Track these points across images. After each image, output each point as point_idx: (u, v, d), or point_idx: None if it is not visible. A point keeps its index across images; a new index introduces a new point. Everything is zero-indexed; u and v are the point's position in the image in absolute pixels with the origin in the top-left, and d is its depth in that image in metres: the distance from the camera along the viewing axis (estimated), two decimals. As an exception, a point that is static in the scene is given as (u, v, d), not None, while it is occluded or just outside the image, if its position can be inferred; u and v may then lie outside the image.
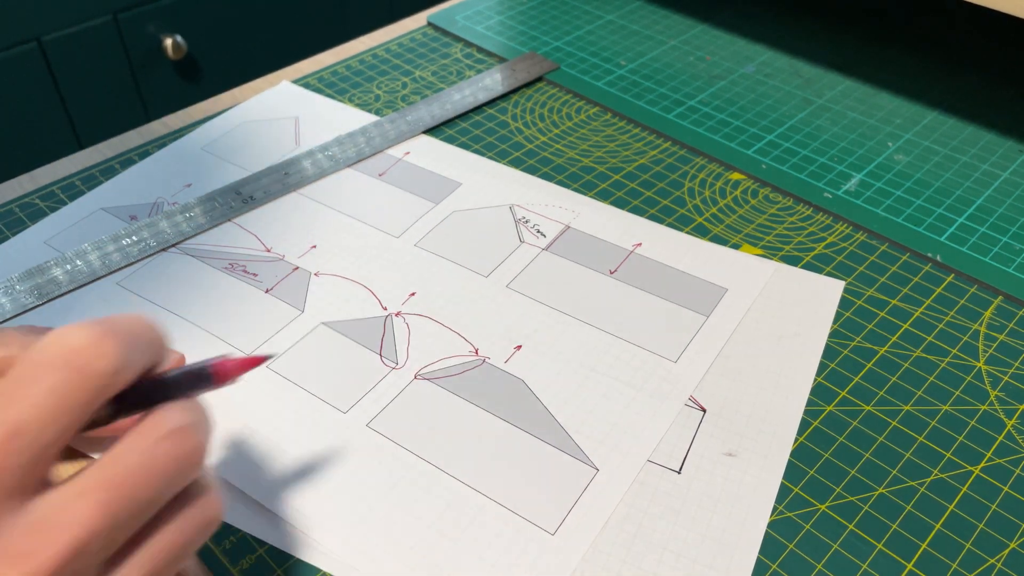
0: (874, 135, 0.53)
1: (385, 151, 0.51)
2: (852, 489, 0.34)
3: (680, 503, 0.33)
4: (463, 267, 0.43)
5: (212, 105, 0.55)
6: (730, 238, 0.46)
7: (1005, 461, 0.35)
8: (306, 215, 0.46)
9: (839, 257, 0.45)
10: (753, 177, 0.50)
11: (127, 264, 0.43)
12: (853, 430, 0.36)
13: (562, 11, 0.65)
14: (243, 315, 0.40)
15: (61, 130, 1.06)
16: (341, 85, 0.57)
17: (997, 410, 0.37)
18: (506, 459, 0.34)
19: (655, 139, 0.53)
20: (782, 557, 0.32)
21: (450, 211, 0.47)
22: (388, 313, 0.41)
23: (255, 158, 0.50)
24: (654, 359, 0.39)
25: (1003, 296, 0.42)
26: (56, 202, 0.47)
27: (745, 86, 0.57)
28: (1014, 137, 0.53)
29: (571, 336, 0.40)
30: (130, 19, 1.06)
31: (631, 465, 0.34)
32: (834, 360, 0.39)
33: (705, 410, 0.37)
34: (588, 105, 0.56)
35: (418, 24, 0.64)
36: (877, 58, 0.60)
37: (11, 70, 0.98)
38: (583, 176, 0.50)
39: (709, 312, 0.41)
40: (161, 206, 0.47)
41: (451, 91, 0.55)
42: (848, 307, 0.42)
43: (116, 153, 0.51)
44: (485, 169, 0.50)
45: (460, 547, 0.32)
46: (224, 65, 1.18)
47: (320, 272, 0.43)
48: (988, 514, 0.33)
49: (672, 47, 0.62)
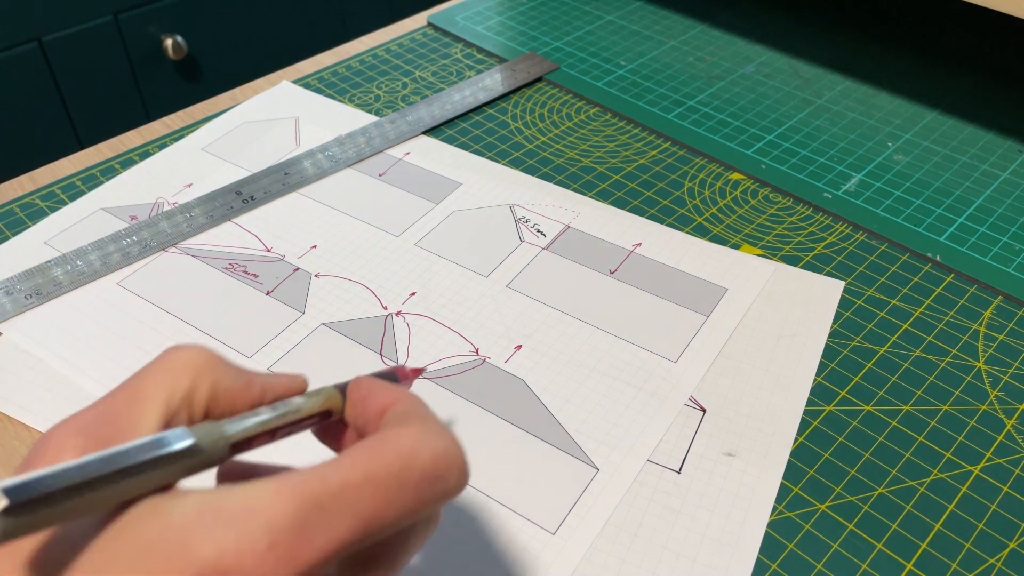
0: (874, 135, 0.53)
1: (385, 151, 0.51)
2: (852, 489, 0.34)
3: (680, 503, 0.33)
4: (463, 267, 0.43)
5: (212, 105, 0.55)
6: (730, 238, 0.46)
7: (1005, 461, 0.35)
8: (306, 215, 0.46)
9: (839, 257, 0.45)
10: (753, 177, 0.50)
11: (127, 264, 0.43)
12: (853, 430, 0.36)
13: (562, 11, 0.65)
14: (244, 316, 0.41)
15: (61, 130, 1.06)
16: (341, 85, 0.57)
17: (997, 410, 0.37)
18: (506, 458, 0.34)
19: (655, 139, 0.53)
20: (782, 557, 0.32)
21: (450, 211, 0.47)
22: (388, 313, 0.41)
23: (255, 158, 0.50)
24: (654, 359, 0.39)
25: (1003, 296, 0.42)
26: (56, 202, 0.47)
27: (745, 86, 0.57)
28: (1014, 137, 0.53)
29: (571, 336, 0.40)
30: (131, 19, 1.06)
31: (631, 465, 0.34)
32: (834, 360, 0.39)
33: (705, 410, 0.37)
34: (588, 105, 0.56)
35: (418, 24, 0.64)
36: (877, 58, 0.60)
37: (12, 70, 0.99)
38: (583, 176, 0.50)
39: (709, 312, 0.41)
40: (161, 206, 0.47)
41: (451, 91, 0.55)
42: (848, 307, 0.42)
43: (116, 153, 0.51)
44: (485, 169, 0.50)
45: (460, 546, 0.32)
46: (224, 65, 1.18)
47: (320, 273, 0.43)
48: (988, 514, 0.33)
49: (672, 47, 0.62)
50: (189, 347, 0.21)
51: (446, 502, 0.21)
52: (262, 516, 0.18)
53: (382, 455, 0.20)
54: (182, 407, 0.21)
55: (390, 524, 0.19)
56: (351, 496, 0.19)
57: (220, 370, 0.21)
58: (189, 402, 0.21)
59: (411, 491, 0.20)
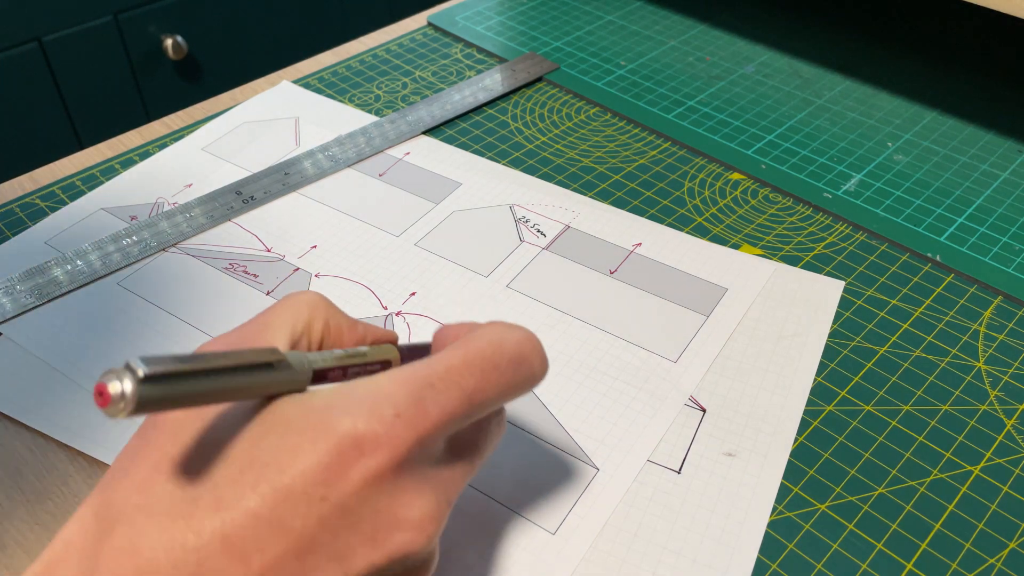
0: (874, 135, 0.53)
1: (385, 151, 0.51)
2: (852, 489, 0.34)
3: (680, 503, 0.33)
4: (463, 267, 0.43)
5: (212, 105, 0.55)
6: (730, 238, 0.46)
7: (1005, 461, 0.35)
8: (306, 215, 0.46)
9: (839, 257, 0.45)
10: (753, 177, 0.50)
11: (127, 264, 0.43)
12: (853, 430, 0.36)
13: (562, 11, 0.65)
14: (244, 317, 0.40)
15: (61, 130, 1.06)
16: (341, 85, 0.57)
17: (997, 410, 0.37)
18: (506, 458, 0.34)
19: (655, 139, 0.53)
20: (782, 557, 0.32)
21: (450, 211, 0.47)
22: (388, 313, 0.41)
23: (255, 158, 0.50)
24: (654, 359, 0.39)
25: (1003, 296, 0.43)
26: (56, 202, 0.47)
27: (745, 86, 0.57)
28: (1014, 137, 0.53)
29: (571, 336, 0.40)
30: (131, 19, 1.06)
31: (631, 465, 0.34)
32: (834, 360, 0.39)
33: (705, 410, 0.37)
34: (588, 105, 0.56)
35: (418, 24, 0.64)
36: (877, 58, 0.60)
37: (12, 70, 0.99)
38: (583, 176, 0.50)
39: (709, 312, 0.41)
40: (161, 206, 0.47)
41: (451, 91, 0.55)
42: (848, 307, 0.42)
43: (116, 153, 0.51)
44: (485, 169, 0.50)
45: (460, 546, 0.32)
46: (224, 65, 1.18)
47: (320, 273, 0.43)
48: (988, 514, 0.33)
49: (672, 47, 0.62)
50: (308, 292, 0.27)
51: (534, 385, 0.25)
52: (387, 395, 0.22)
53: (476, 344, 0.24)
54: (302, 336, 0.25)
55: (489, 400, 0.24)
56: (455, 376, 0.23)
57: (332, 311, 0.26)
58: (308, 332, 0.25)
59: (503, 371, 0.24)
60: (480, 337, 0.25)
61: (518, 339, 0.25)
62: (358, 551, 0.22)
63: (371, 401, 0.22)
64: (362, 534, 0.22)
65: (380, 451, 0.21)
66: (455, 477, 0.25)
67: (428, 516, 0.23)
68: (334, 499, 0.21)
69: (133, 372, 0.18)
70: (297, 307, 0.26)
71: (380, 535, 0.22)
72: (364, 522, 0.22)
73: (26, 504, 0.33)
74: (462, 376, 0.23)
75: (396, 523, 0.22)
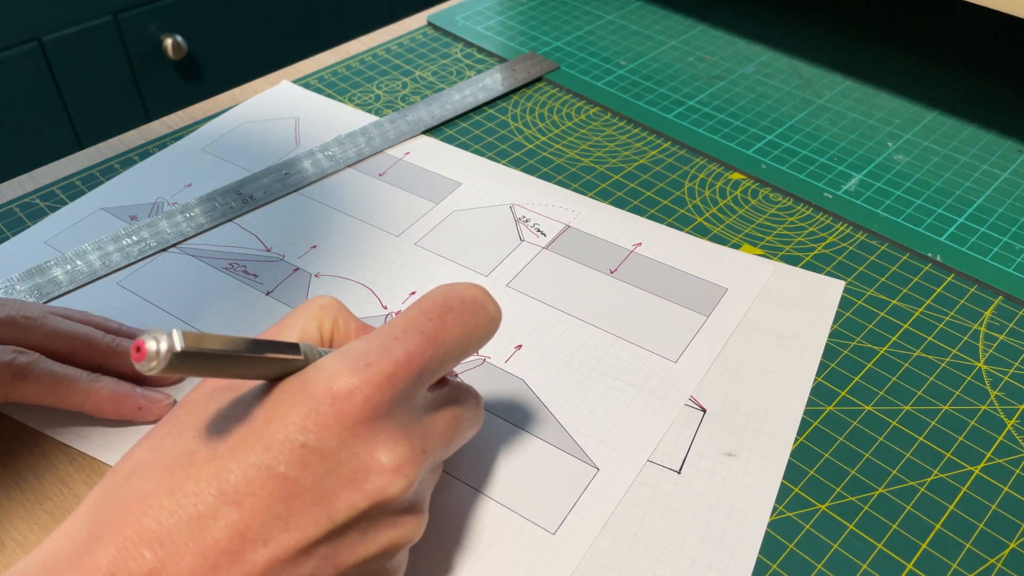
0: (874, 135, 0.53)
1: (385, 151, 0.51)
2: (852, 489, 0.34)
3: (680, 503, 0.33)
4: (463, 266, 0.43)
5: (212, 105, 0.55)
6: (730, 238, 0.46)
7: (1005, 461, 0.35)
8: (306, 215, 0.46)
9: (839, 257, 0.45)
10: (753, 177, 0.50)
11: (127, 264, 0.43)
12: (853, 430, 0.36)
13: (562, 11, 0.65)
14: (244, 317, 0.41)
15: (61, 130, 1.06)
16: (341, 85, 0.57)
17: (997, 410, 0.37)
18: (506, 458, 0.34)
19: (655, 139, 0.53)
20: (782, 557, 0.32)
21: (450, 211, 0.47)
22: (388, 312, 0.41)
23: (255, 158, 0.50)
24: (654, 359, 0.39)
25: (1003, 296, 0.42)
26: (56, 202, 0.47)
27: (745, 86, 0.57)
28: (1014, 137, 0.53)
29: (571, 336, 0.40)
30: (130, 19, 1.06)
31: (631, 465, 0.34)
32: (834, 360, 0.39)
33: (705, 410, 0.37)
34: (588, 105, 0.56)
35: (418, 24, 0.64)
36: (877, 58, 0.60)
37: (11, 70, 0.99)
38: (583, 176, 0.50)
39: (709, 312, 0.41)
40: (161, 206, 0.47)
41: (451, 91, 0.55)
42: (848, 307, 0.42)
43: (116, 153, 0.51)
44: (485, 169, 0.50)
45: (460, 546, 0.32)
46: (224, 65, 1.18)
47: (320, 273, 0.43)
48: (988, 514, 0.33)
49: (672, 47, 0.62)
50: (323, 296, 0.30)
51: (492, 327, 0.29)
52: (360, 351, 0.25)
53: (430, 296, 0.28)
54: (316, 335, 0.28)
55: (451, 340, 0.27)
56: (414, 323, 0.26)
57: (343, 313, 0.29)
58: (320, 331, 0.29)
59: (458, 313, 0.27)
60: (433, 291, 0.28)
61: (467, 286, 0.28)
62: (340, 494, 0.24)
63: (345, 358, 0.25)
64: (342, 476, 0.24)
65: (354, 397, 0.24)
66: (434, 431, 0.27)
67: (404, 459, 0.25)
68: (314, 444, 0.24)
69: (171, 342, 0.20)
70: (310, 310, 0.29)
71: (359, 476, 0.24)
72: (343, 465, 0.24)
73: (26, 504, 0.33)
74: (421, 323, 0.26)
75: (374, 466, 0.24)
